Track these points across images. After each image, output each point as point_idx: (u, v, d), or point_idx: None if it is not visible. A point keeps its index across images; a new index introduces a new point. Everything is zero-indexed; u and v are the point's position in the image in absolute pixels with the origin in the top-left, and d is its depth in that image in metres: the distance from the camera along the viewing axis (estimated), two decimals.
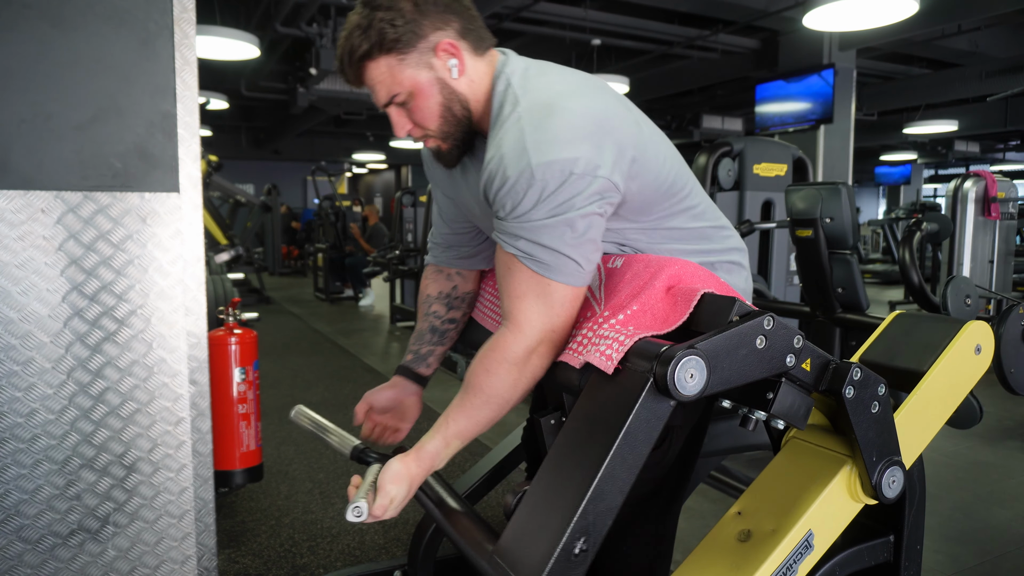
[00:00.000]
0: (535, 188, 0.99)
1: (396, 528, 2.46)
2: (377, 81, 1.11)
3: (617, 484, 0.84)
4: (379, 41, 1.07)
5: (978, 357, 1.13)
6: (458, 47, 1.11)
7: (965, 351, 1.11)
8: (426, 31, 1.08)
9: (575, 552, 0.82)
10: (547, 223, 1.01)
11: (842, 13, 4.65)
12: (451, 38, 1.10)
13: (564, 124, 1.01)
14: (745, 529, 1.04)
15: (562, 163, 0.99)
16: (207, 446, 1.43)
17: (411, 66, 1.09)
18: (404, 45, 1.07)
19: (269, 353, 5.43)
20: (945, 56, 8.28)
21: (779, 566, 0.97)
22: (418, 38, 1.08)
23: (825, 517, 1.01)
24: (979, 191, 5.28)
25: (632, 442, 0.85)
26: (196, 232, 1.39)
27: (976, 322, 1.13)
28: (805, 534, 0.99)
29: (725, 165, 3.57)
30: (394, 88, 1.10)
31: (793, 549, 0.98)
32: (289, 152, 16.15)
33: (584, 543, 0.83)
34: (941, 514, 2.60)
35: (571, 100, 1.04)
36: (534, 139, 1.00)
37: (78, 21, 1.28)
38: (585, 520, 0.83)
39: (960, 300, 2.10)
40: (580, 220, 1.01)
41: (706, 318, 0.94)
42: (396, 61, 1.08)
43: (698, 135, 11.22)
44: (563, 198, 1.00)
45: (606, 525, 0.84)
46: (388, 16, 1.06)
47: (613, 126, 1.05)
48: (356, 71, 1.11)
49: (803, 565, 0.99)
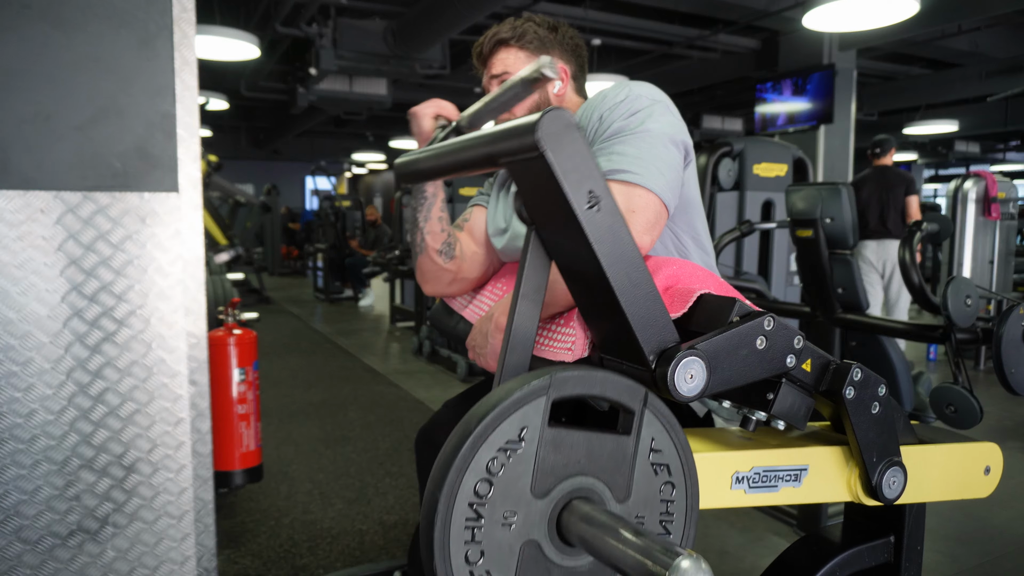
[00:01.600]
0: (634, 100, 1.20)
1: (396, 528, 2.46)
2: (499, 60, 1.40)
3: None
4: (520, 35, 1.38)
5: (985, 477, 1.13)
6: (568, 76, 1.43)
7: (976, 460, 1.13)
8: (553, 52, 1.41)
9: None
10: (633, 133, 1.16)
11: (842, 13, 4.65)
12: (566, 67, 1.42)
13: (647, 86, 1.24)
14: (748, 437, 1.06)
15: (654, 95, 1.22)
16: (207, 447, 1.43)
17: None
18: (535, 49, 1.39)
19: (269, 353, 5.43)
20: (945, 56, 8.27)
21: (769, 467, 0.98)
22: (546, 52, 1.39)
23: (822, 466, 1.02)
24: (979, 191, 5.28)
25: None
26: (196, 232, 1.39)
27: (994, 445, 1.14)
28: (801, 463, 1.00)
29: (725, 165, 3.57)
30: (509, 69, 1.38)
31: (786, 465, 0.99)
32: (289, 152, 16.15)
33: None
34: (941, 514, 2.59)
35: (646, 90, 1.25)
36: (622, 84, 1.25)
37: (78, 21, 1.28)
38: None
39: (960, 300, 2.10)
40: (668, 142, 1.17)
41: (706, 318, 0.94)
42: (524, 55, 1.39)
43: (698, 135, 11.22)
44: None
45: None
46: (535, 28, 1.40)
47: (681, 120, 1.25)
48: (491, 47, 1.40)
49: (785, 490, 0.99)
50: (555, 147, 0.71)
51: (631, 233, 1.04)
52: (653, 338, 0.82)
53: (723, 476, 0.96)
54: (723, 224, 3.58)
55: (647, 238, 1.11)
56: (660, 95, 1.24)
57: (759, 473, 0.97)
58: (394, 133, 13.79)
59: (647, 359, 0.82)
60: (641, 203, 1.11)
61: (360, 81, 8.28)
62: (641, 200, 1.11)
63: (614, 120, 1.19)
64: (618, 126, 1.18)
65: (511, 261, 1.46)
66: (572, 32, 1.44)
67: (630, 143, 1.15)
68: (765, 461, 0.98)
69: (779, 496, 1.00)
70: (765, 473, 0.98)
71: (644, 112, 1.18)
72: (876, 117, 10.93)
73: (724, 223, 3.58)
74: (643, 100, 1.20)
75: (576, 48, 1.43)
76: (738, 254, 3.65)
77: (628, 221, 1.06)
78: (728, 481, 0.96)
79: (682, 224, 1.29)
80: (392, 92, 8.64)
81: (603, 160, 1.15)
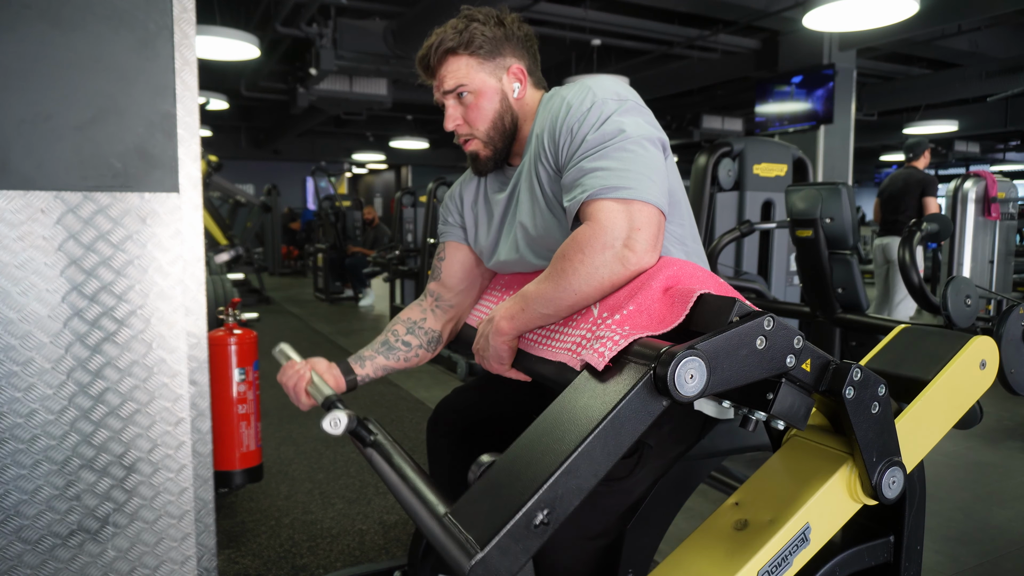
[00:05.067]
0: (596, 108, 1.14)
1: (396, 528, 2.46)
2: (451, 72, 1.29)
3: (592, 466, 0.82)
4: (468, 42, 1.27)
5: (983, 372, 1.13)
6: (525, 75, 1.32)
7: (970, 364, 1.11)
8: (505, 52, 1.30)
9: (536, 522, 0.80)
10: (612, 143, 1.11)
11: (842, 13, 4.65)
12: (521, 66, 1.32)
13: (610, 84, 1.18)
14: (742, 519, 1.04)
15: (618, 94, 1.16)
16: (207, 446, 1.43)
17: (485, 72, 1.29)
18: (486, 53, 1.29)
19: (269, 353, 5.43)
20: (945, 56, 8.27)
21: (775, 556, 0.97)
22: (498, 54, 1.30)
23: (823, 512, 1.01)
24: (979, 191, 5.28)
25: (618, 427, 0.83)
26: (196, 232, 1.39)
27: (982, 337, 1.13)
28: (803, 527, 0.99)
29: (725, 165, 3.57)
30: (463, 82, 1.28)
31: (790, 540, 0.98)
32: (289, 152, 16.14)
33: (546, 515, 0.80)
34: (941, 514, 2.60)
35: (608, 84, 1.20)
36: (584, 88, 1.18)
37: (78, 21, 1.28)
38: (554, 492, 0.80)
39: (960, 300, 2.10)
40: (640, 143, 1.12)
41: (706, 318, 0.94)
42: (475, 62, 1.28)
43: (698, 135, 11.22)
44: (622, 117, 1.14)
45: (571, 504, 0.82)
46: (482, 29, 1.28)
47: (650, 112, 1.20)
48: (439, 58, 1.30)
49: (798, 558, 0.99)
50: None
51: (637, 254, 1.04)
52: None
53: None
54: (723, 224, 3.58)
55: (654, 255, 1.06)
56: (626, 91, 1.18)
57: (768, 571, 0.96)
58: (394, 133, 13.80)
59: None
60: (644, 218, 1.06)
61: (360, 81, 8.29)
62: (643, 215, 1.06)
63: (586, 133, 1.13)
64: (593, 138, 1.12)
65: (506, 274, 1.46)
66: (518, 20, 1.34)
67: (612, 155, 1.10)
68: (769, 555, 0.96)
69: (795, 567, 0.99)
70: (774, 565, 0.96)
71: (615, 116, 1.12)
72: (876, 117, 10.93)
73: (724, 223, 3.58)
74: (610, 104, 1.14)
75: (527, 39, 1.34)
76: (738, 254, 3.65)
77: (635, 241, 1.05)
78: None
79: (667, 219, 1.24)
80: (392, 92, 8.64)
81: (589, 178, 1.09)
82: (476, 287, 1.51)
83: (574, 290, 1.07)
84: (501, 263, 1.40)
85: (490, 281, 1.52)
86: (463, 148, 1.37)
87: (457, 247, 1.49)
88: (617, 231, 1.05)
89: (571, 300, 1.08)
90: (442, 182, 5.57)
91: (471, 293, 1.51)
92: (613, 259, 1.05)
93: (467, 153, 1.37)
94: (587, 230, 1.07)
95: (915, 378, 1.10)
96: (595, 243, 1.05)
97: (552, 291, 1.09)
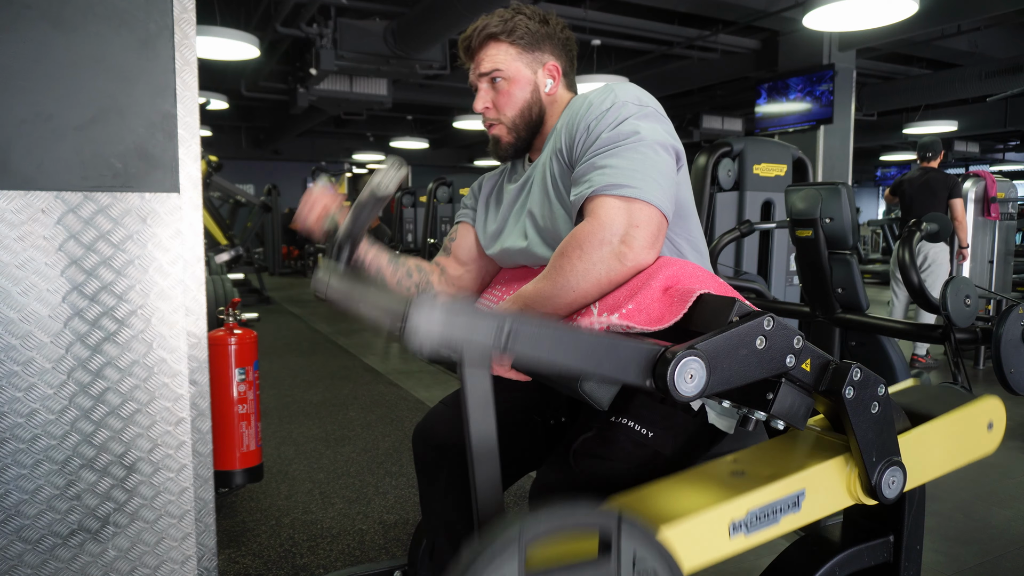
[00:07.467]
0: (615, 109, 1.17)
1: (396, 528, 2.46)
2: (489, 56, 1.33)
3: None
4: (511, 30, 1.32)
5: (988, 433, 1.14)
6: (559, 74, 1.37)
7: (977, 416, 1.13)
8: (544, 48, 1.35)
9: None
10: (625, 143, 1.13)
11: (842, 13, 4.65)
12: (557, 65, 1.37)
13: (633, 90, 1.21)
14: (740, 470, 1.04)
15: (638, 99, 1.19)
16: (207, 446, 1.43)
17: (521, 62, 1.34)
18: (526, 45, 1.33)
19: (269, 353, 5.43)
20: (945, 56, 8.28)
21: (767, 503, 0.97)
22: (537, 48, 1.34)
23: (819, 486, 1.01)
24: (979, 191, 5.28)
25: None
26: (196, 232, 1.39)
27: (994, 398, 1.14)
28: (798, 490, 0.99)
29: (725, 165, 3.57)
30: (499, 67, 1.33)
31: (784, 496, 0.98)
32: (289, 152, 16.14)
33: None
34: (941, 514, 2.60)
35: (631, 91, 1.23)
36: (607, 90, 1.21)
37: (78, 21, 1.28)
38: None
39: (960, 300, 2.10)
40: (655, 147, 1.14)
41: (706, 318, 0.94)
42: (514, 51, 1.33)
43: (698, 135, 11.22)
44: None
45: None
46: (526, 22, 1.33)
47: (669, 122, 1.22)
48: (480, 41, 1.34)
49: (786, 519, 0.99)
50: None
51: (634, 251, 1.04)
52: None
53: (720, 529, 0.94)
54: (723, 224, 3.58)
55: (652, 253, 1.08)
56: (648, 99, 1.21)
57: (756, 515, 0.97)
58: (394, 133, 13.79)
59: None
60: (643, 217, 1.08)
61: (360, 81, 8.28)
62: (643, 214, 1.08)
63: (602, 131, 1.15)
64: (607, 136, 1.14)
65: (508, 267, 1.46)
66: (563, 24, 1.39)
67: (622, 155, 1.12)
68: (759, 501, 0.97)
69: (781, 527, 0.99)
70: (762, 512, 0.97)
71: (633, 119, 1.15)
72: (876, 117, 10.93)
73: (724, 223, 3.58)
74: (630, 107, 1.16)
75: (567, 41, 1.39)
76: (738, 254, 3.65)
77: (632, 238, 1.06)
78: (726, 531, 0.95)
79: (677, 229, 1.26)
80: (392, 92, 8.64)
81: (596, 174, 1.11)
82: (480, 272, 1.52)
83: (572, 287, 1.07)
84: (504, 250, 1.40)
85: (492, 278, 1.52)
86: (487, 132, 1.40)
87: (469, 228, 1.53)
88: (615, 227, 1.06)
89: (569, 298, 1.08)
90: (442, 182, 5.57)
91: (474, 275, 1.52)
92: (610, 255, 1.06)
93: (490, 136, 1.40)
94: (586, 226, 1.09)
95: (923, 413, 1.12)
96: (593, 239, 1.06)
97: (550, 289, 1.09)
